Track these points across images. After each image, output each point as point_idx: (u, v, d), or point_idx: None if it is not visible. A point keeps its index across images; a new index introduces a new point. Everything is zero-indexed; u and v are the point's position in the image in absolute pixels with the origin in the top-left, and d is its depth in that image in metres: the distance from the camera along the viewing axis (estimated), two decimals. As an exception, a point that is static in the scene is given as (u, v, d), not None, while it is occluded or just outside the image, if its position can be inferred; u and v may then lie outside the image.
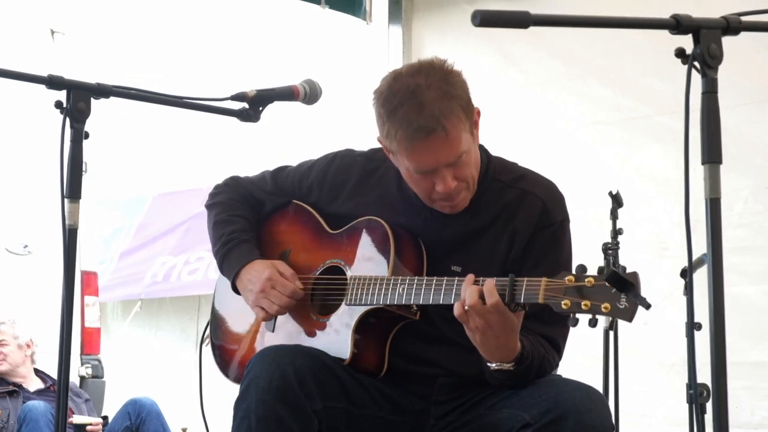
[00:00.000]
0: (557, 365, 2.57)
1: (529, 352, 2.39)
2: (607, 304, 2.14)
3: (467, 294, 2.28)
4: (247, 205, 2.87)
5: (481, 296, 2.26)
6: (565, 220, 2.59)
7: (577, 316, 2.17)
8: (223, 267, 2.78)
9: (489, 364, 2.39)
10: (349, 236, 2.69)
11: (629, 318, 2.15)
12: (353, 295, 2.56)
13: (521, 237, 2.53)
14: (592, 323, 2.16)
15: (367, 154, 2.76)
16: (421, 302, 2.44)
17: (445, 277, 2.40)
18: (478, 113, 2.54)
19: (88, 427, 5.49)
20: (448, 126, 2.40)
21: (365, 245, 2.64)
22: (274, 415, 2.35)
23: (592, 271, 2.20)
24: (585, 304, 2.15)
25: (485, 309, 2.26)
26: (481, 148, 2.63)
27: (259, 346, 2.76)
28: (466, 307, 2.28)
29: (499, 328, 2.29)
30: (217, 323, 2.94)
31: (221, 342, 2.91)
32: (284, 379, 2.36)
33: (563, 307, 2.17)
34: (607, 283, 2.12)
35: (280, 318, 2.74)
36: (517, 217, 2.55)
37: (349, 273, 2.63)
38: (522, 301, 2.24)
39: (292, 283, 2.66)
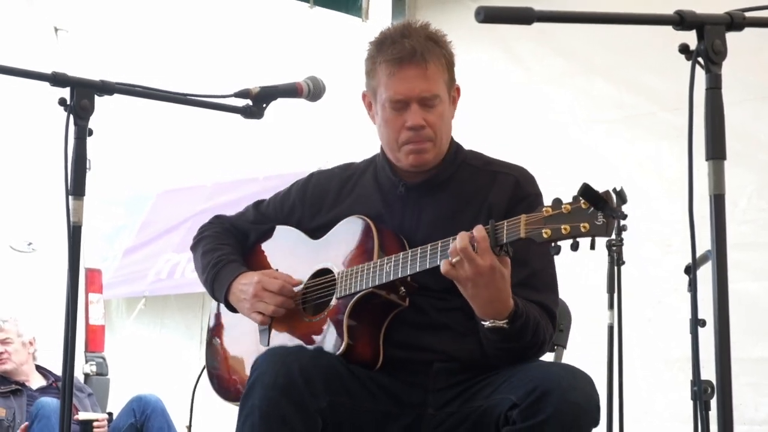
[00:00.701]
0: (552, 335, 2.59)
1: (522, 311, 2.43)
2: (585, 224, 2.18)
3: (458, 238, 2.32)
4: (232, 236, 2.95)
5: (471, 241, 2.31)
6: (539, 195, 2.66)
7: (559, 243, 2.22)
8: (214, 288, 2.83)
9: (483, 323, 2.43)
10: (333, 239, 2.75)
11: (608, 232, 2.19)
12: (343, 287, 2.61)
13: (498, 210, 2.57)
14: (574, 247, 2.21)
15: (341, 166, 2.88)
16: (408, 273, 2.48)
17: (429, 244, 2.45)
18: (458, 90, 2.69)
19: (95, 423, 5.49)
20: (429, 59, 2.58)
21: (349, 241, 2.69)
22: (278, 412, 2.35)
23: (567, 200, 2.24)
24: (564, 228, 2.20)
25: (474, 255, 2.30)
26: (452, 140, 2.73)
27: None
28: (454, 260, 2.32)
29: (489, 276, 2.32)
30: (213, 351, 2.96)
31: (219, 370, 2.93)
32: (289, 376, 2.37)
33: (544, 236, 2.22)
34: (582, 205, 2.18)
35: (273, 330, 2.77)
36: (491, 194, 2.63)
37: (336, 271, 2.67)
38: (505, 240, 2.29)
39: (281, 281, 2.71)
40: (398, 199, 2.69)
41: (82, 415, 5.49)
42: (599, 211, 2.17)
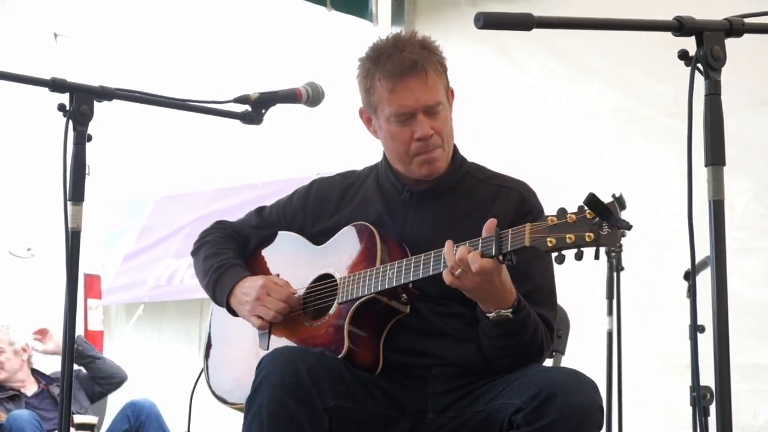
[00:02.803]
0: (550, 345, 2.61)
1: (524, 303, 2.47)
2: (590, 233, 2.20)
3: (458, 251, 2.34)
4: (234, 241, 2.94)
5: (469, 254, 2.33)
6: (542, 211, 2.66)
7: (564, 253, 2.23)
8: (216, 291, 2.82)
9: (489, 315, 2.44)
10: (335, 245, 2.76)
11: (614, 242, 2.21)
12: (345, 292, 2.62)
13: (502, 224, 2.56)
14: (578, 256, 2.22)
15: (343, 174, 2.89)
16: (411, 279, 2.49)
17: (432, 251, 2.47)
18: (452, 93, 2.70)
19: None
20: (428, 68, 2.58)
21: (352, 247, 2.70)
22: (286, 411, 2.35)
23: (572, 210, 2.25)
24: (569, 237, 2.21)
25: (472, 265, 2.32)
26: (455, 148, 2.74)
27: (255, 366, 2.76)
28: (456, 273, 2.34)
29: (492, 280, 2.36)
30: (212, 353, 2.94)
31: (218, 371, 2.91)
32: (296, 375, 2.37)
33: (549, 244, 2.23)
34: (587, 215, 2.19)
35: (273, 335, 2.77)
36: (495, 206, 2.64)
37: (338, 276, 2.67)
38: (510, 248, 2.30)
39: (286, 288, 2.71)
40: (401, 204, 2.70)
41: (77, 418, 5.46)
42: (604, 221, 2.18)
